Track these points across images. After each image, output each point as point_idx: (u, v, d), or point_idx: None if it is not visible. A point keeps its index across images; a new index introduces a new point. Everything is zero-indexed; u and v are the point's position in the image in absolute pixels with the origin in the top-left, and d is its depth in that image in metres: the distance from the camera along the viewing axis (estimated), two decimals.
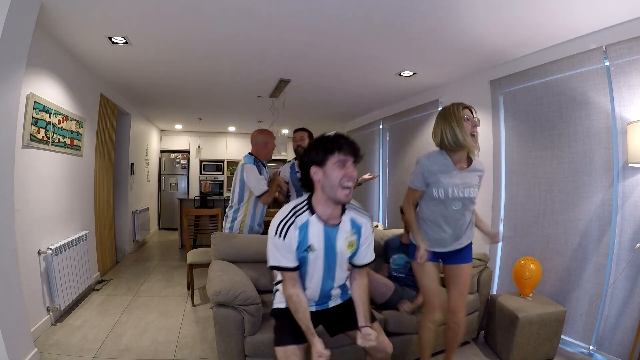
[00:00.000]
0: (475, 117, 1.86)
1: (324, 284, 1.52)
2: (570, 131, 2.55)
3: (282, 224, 1.43)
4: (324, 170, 1.40)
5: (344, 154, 1.39)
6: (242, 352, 1.95)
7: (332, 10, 2.29)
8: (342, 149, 1.39)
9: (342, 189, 1.38)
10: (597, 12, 2.17)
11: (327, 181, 1.39)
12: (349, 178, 1.38)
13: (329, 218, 1.46)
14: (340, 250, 1.48)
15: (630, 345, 2.10)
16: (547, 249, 2.68)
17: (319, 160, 1.40)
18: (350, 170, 1.39)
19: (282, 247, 1.42)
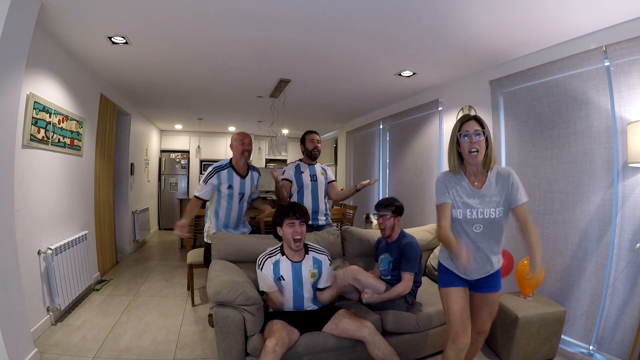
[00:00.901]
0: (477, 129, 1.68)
1: (295, 301, 2.11)
2: (570, 131, 2.55)
3: (261, 259, 2.12)
4: (282, 229, 2.10)
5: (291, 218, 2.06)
6: (243, 351, 1.96)
7: (332, 10, 2.29)
8: (289, 215, 2.06)
9: (293, 242, 2.06)
10: (597, 12, 2.17)
11: (285, 235, 2.09)
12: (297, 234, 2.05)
13: (294, 258, 2.11)
14: (305, 279, 2.10)
15: (630, 345, 2.10)
16: (547, 249, 2.68)
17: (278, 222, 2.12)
18: (297, 229, 2.05)
19: (263, 278, 2.06)
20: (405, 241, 2.41)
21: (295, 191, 2.96)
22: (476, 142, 1.67)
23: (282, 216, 2.09)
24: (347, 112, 5.89)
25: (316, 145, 3.06)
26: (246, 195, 2.80)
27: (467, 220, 1.71)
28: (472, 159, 1.67)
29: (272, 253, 2.12)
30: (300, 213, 2.08)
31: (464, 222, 1.72)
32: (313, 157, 3.06)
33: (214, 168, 2.71)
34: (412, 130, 4.59)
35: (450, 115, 3.85)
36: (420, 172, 4.39)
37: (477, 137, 1.67)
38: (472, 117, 1.73)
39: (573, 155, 2.53)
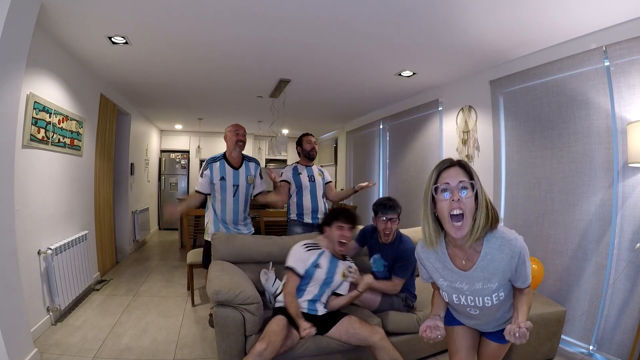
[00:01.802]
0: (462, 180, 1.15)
1: (319, 291, 2.10)
2: (570, 131, 2.55)
3: (308, 244, 2.19)
4: (329, 228, 2.18)
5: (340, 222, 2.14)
6: (243, 351, 1.95)
7: (332, 10, 2.29)
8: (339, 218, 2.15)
9: (338, 245, 2.13)
10: (597, 12, 2.17)
11: (330, 235, 2.17)
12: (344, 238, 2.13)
13: (334, 254, 2.19)
14: (337, 276, 2.13)
15: (630, 345, 2.10)
16: (547, 249, 2.68)
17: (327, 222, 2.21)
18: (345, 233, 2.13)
19: (301, 257, 2.11)
20: (404, 247, 2.27)
21: (294, 192, 3.01)
22: (461, 201, 1.12)
23: (333, 218, 2.17)
24: (347, 112, 5.89)
25: (314, 146, 3.12)
26: (241, 188, 2.76)
27: (457, 305, 1.32)
28: (455, 230, 1.13)
29: (318, 246, 2.19)
30: (351, 219, 2.16)
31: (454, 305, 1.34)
32: (311, 157, 3.10)
33: (207, 160, 2.78)
34: (412, 130, 4.59)
35: (450, 115, 3.85)
36: (420, 172, 4.39)
37: (462, 194, 1.13)
38: (456, 162, 1.19)
39: (573, 155, 2.53)
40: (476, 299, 1.23)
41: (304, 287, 2.09)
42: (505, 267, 1.17)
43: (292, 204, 3.02)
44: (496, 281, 1.19)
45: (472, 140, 3.50)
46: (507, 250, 1.16)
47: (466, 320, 1.42)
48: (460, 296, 1.26)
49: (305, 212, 2.96)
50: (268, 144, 8.65)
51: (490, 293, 1.21)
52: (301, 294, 2.08)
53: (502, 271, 1.17)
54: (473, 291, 1.22)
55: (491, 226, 1.16)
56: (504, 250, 1.16)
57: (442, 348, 2.43)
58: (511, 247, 1.16)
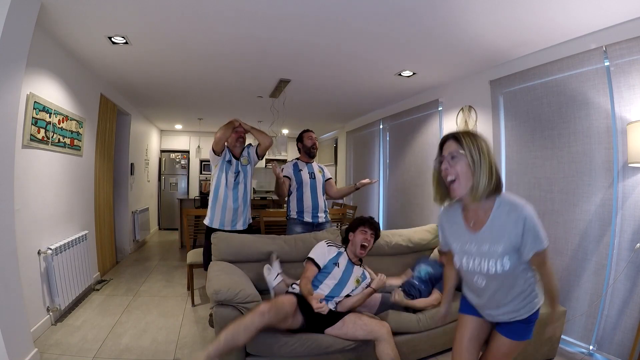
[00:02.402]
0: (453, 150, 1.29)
1: (333, 291, 2.14)
2: (570, 131, 2.55)
3: (330, 242, 2.36)
4: (354, 234, 2.33)
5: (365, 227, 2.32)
6: (243, 351, 1.95)
7: (332, 10, 2.29)
8: (365, 224, 2.33)
9: (360, 247, 2.27)
10: (597, 12, 2.17)
11: (354, 239, 2.32)
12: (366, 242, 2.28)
13: (353, 258, 2.31)
14: (351, 279, 2.20)
15: (630, 345, 2.10)
16: None
17: (352, 228, 2.36)
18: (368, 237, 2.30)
19: (323, 251, 2.27)
20: None
21: (294, 188, 3.01)
22: (452, 166, 1.28)
23: (359, 223, 2.34)
24: (347, 112, 5.89)
25: (314, 142, 3.11)
26: (241, 177, 2.83)
27: (467, 271, 1.37)
28: (451, 191, 1.31)
29: (339, 246, 2.36)
30: (374, 227, 2.34)
31: (464, 272, 1.40)
32: (312, 154, 3.10)
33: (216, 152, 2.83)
34: (412, 130, 4.59)
35: (450, 115, 3.85)
36: (420, 172, 4.39)
37: (453, 160, 1.28)
38: (451, 135, 1.32)
39: (573, 155, 2.53)
40: (482, 262, 1.29)
41: (321, 281, 2.15)
42: (511, 230, 1.23)
43: (292, 200, 3.01)
44: (502, 244, 1.24)
45: None
46: (513, 215, 1.23)
47: (475, 299, 1.43)
48: (469, 259, 1.33)
49: (305, 209, 2.95)
50: None
51: (495, 257, 1.25)
52: (316, 288, 2.12)
53: (507, 234, 1.23)
54: (480, 253, 1.29)
55: (495, 189, 1.26)
56: (511, 214, 1.24)
57: (442, 348, 2.43)
58: (518, 211, 1.23)
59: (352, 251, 2.29)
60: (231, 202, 2.79)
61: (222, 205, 2.79)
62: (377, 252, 2.68)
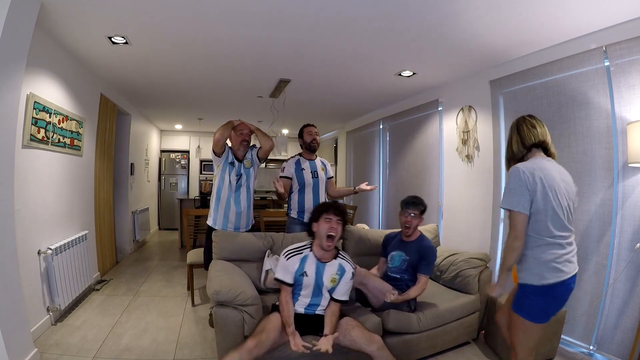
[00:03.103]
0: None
1: (313, 298, 2.05)
2: (570, 131, 2.55)
3: (290, 251, 2.05)
4: (317, 224, 2.03)
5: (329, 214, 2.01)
6: None
7: (332, 10, 2.29)
8: (329, 211, 2.02)
9: (326, 239, 1.97)
10: (597, 12, 2.17)
11: (318, 231, 2.01)
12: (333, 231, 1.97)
13: (322, 257, 2.04)
14: (325, 281, 2.01)
15: (630, 345, 2.10)
16: None
17: (314, 218, 2.06)
18: (334, 225, 1.99)
19: (285, 267, 2.01)
20: (426, 243, 2.40)
21: (296, 189, 2.93)
22: None
23: (320, 211, 2.04)
24: (347, 112, 5.89)
25: (314, 137, 3.04)
26: (244, 179, 2.78)
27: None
28: None
29: (301, 249, 2.06)
30: (340, 211, 2.03)
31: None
32: (312, 149, 3.03)
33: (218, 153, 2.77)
34: (412, 130, 4.59)
35: (450, 115, 3.85)
36: (420, 172, 4.39)
37: None
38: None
39: (573, 155, 2.53)
40: None
41: (297, 294, 2.03)
42: None
43: (293, 201, 2.95)
44: None
45: (472, 140, 3.50)
46: None
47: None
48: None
49: (306, 210, 2.89)
50: None
51: None
52: (295, 300, 2.03)
53: None
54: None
55: None
56: None
57: (442, 348, 2.44)
58: None
59: (318, 246, 2.02)
60: (234, 205, 2.74)
61: (224, 207, 2.75)
62: (378, 252, 2.68)
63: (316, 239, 2.04)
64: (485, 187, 3.33)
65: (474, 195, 3.45)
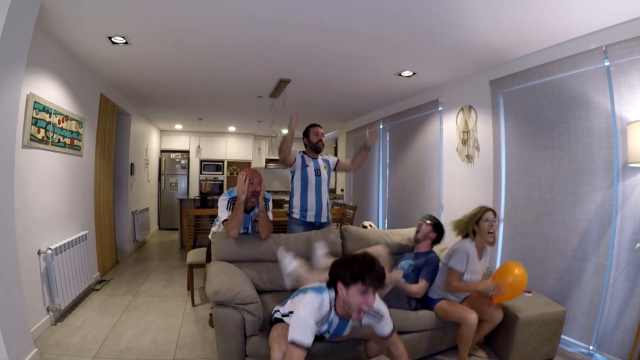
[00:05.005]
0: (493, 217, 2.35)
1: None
2: (570, 131, 2.55)
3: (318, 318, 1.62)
4: (347, 290, 1.59)
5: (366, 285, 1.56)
6: (243, 351, 1.96)
7: (332, 11, 2.29)
8: (366, 280, 1.56)
9: (357, 313, 1.60)
10: (597, 12, 2.17)
11: (348, 300, 1.60)
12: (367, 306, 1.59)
13: (344, 315, 1.71)
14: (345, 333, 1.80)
15: (630, 345, 2.10)
16: (547, 249, 2.68)
17: (345, 281, 1.60)
18: (369, 299, 1.58)
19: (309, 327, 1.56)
20: (434, 256, 2.55)
21: (298, 188, 2.91)
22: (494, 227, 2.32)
23: (355, 276, 1.57)
24: (347, 112, 5.89)
25: (320, 138, 2.99)
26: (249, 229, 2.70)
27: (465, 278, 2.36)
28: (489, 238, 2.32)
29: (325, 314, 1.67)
30: (380, 280, 1.60)
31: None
32: (318, 150, 2.99)
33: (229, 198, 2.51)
34: (412, 130, 4.59)
35: (450, 115, 3.85)
36: (420, 172, 4.39)
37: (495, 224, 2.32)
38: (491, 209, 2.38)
39: (573, 155, 2.53)
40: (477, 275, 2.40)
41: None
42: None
43: (295, 201, 2.92)
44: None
45: (472, 140, 3.50)
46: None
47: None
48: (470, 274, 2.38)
49: (309, 209, 2.89)
50: (268, 144, 8.66)
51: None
52: None
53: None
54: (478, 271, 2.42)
55: None
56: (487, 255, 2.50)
57: (440, 348, 2.43)
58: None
59: (344, 309, 1.66)
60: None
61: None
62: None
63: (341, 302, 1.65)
64: (485, 187, 3.33)
65: (474, 195, 3.45)
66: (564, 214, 2.58)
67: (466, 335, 2.20)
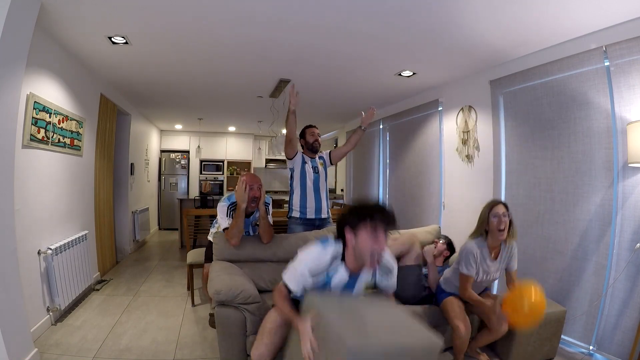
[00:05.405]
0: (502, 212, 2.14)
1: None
2: (570, 131, 2.55)
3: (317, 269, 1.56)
4: (356, 236, 1.49)
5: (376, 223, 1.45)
6: (244, 351, 1.96)
7: (332, 11, 2.29)
8: (375, 219, 1.45)
9: (370, 259, 1.48)
10: (597, 12, 2.17)
11: (357, 247, 1.50)
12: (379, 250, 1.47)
13: (355, 268, 1.59)
14: (356, 291, 1.66)
15: (630, 345, 2.10)
16: (547, 249, 2.68)
17: (353, 225, 1.50)
18: (381, 242, 1.46)
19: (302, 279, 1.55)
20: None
21: (297, 184, 2.92)
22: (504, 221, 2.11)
23: (363, 216, 1.47)
24: (347, 112, 5.89)
25: (317, 138, 3.03)
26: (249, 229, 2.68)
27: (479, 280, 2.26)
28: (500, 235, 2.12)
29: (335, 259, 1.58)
30: (391, 221, 1.49)
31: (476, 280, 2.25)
32: (315, 150, 3.01)
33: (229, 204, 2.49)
34: (412, 130, 4.58)
35: (450, 115, 3.85)
36: (420, 172, 4.39)
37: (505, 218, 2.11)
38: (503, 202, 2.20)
39: (573, 155, 2.53)
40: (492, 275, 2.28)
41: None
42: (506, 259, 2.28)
43: (294, 201, 2.93)
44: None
45: (472, 140, 3.50)
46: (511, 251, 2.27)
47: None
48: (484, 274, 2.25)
49: (308, 209, 2.90)
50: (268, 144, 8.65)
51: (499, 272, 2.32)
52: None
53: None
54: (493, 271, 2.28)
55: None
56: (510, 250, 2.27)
57: None
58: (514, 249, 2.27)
59: (354, 262, 1.56)
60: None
61: None
62: None
63: (351, 251, 1.55)
64: (485, 187, 3.33)
65: (474, 195, 3.45)
66: (564, 214, 2.58)
67: (457, 344, 2.17)
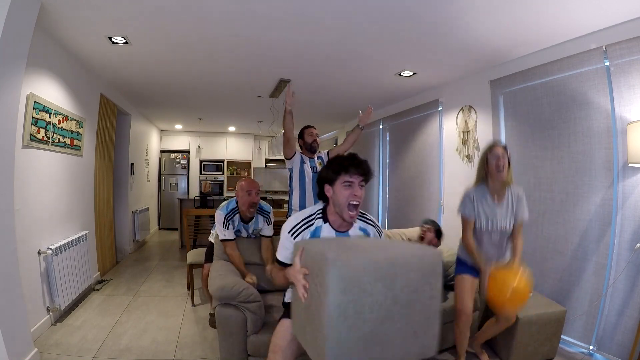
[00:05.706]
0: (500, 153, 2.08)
1: None
2: (570, 131, 2.55)
3: (296, 226, 1.56)
4: (333, 189, 1.53)
5: (350, 175, 1.49)
6: (245, 351, 1.96)
7: (332, 10, 2.29)
8: (349, 171, 1.49)
9: (348, 209, 1.50)
10: (597, 12, 2.17)
11: (336, 199, 1.52)
12: (355, 198, 1.49)
13: (340, 226, 1.58)
14: None
15: (630, 345, 2.10)
16: (547, 249, 2.68)
17: (330, 179, 1.54)
18: (356, 191, 1.49)
19: (288, 243, 1.54)
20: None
21: (297, 184, 2.92)
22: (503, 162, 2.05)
23: (338, 169, 1.50)
24: (347, 112, 5.89)
25: (315, 138, 3.04)
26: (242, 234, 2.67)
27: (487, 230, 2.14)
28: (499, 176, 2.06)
29: (310, 220, 1.58)
30: (363, 170, 1.51)
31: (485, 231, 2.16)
32: (313, 150, 3.02)
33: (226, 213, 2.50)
34: (412, 130, 4.58)
35: (450, 115, 3.85)
36: (420, 172, 4.39)
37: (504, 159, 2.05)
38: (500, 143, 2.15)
39: (573, 155, 2.53)
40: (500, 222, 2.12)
41: None
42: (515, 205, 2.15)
43: (294, 201, 2.93)
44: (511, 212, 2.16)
45: (472, 140, 3.50)
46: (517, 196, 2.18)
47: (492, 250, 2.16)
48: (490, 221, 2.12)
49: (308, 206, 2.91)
50: (268, 144, 8.65)
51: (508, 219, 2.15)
52: None
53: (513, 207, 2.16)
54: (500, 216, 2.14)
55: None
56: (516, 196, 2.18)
57: (440, 347, 2.43)
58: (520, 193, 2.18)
59: (336, 214, 1.55)
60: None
61: None
62: None
63: (331, 207, 1.57)
64: None
65: None
66: (564, 214, 2.58)
67: (459, 329, 2.15)
